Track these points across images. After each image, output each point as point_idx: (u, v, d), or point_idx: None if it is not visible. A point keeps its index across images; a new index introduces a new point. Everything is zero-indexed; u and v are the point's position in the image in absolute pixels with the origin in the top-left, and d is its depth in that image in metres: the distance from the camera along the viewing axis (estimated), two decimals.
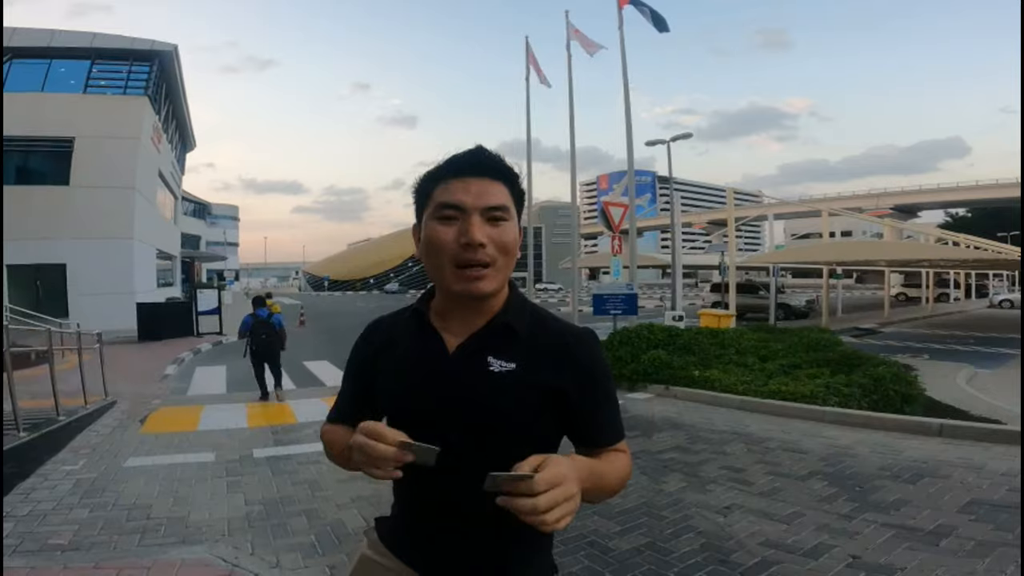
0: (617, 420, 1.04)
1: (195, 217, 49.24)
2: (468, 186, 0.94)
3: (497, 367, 0.96)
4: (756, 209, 46.03)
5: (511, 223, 0.97)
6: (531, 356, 0.98)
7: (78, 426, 6.32)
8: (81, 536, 3.37)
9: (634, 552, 3.07)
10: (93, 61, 20.57)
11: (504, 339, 0.98)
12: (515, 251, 0.98)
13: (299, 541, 3.31)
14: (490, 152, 0.99)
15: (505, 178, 0.98)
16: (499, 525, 0.97)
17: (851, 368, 7.58)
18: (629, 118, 11.79)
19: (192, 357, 13.65)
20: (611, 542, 3.20)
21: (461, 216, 0.93)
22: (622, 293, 10.02)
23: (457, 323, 1.01)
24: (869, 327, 19.15)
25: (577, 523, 3.44)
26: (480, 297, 0.96)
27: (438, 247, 0.94)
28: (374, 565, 1.08)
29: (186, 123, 30.88)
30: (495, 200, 0.94)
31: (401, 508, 1.08)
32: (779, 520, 3.50)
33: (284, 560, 3.02)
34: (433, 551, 1.01)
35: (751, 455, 4.96)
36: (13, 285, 17.89)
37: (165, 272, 27.73)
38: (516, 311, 1.02)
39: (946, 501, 3.77)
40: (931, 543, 3.14)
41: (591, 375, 1.00)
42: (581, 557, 3.02)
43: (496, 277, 0.95)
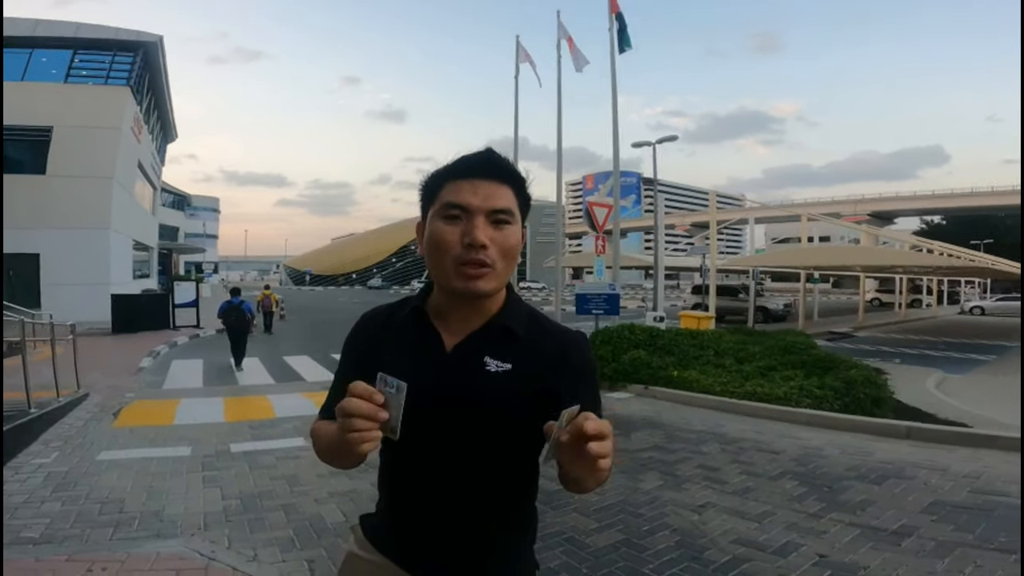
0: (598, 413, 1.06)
1: (174, 208, 48.40)
2: (476, 188, 0.96)
3: (494, 367, 0.98)
4: (738, 213, 46.61)
5: (515, 227, 0.99)
6: (527, 357, 1.00)
7: (50, 419, 6.20)
8: (53, 529, 3.33)
9: (611, 548, 3.12)
10: (76, 51, 20.35)
11: (501, 340, 1.00)
12: (516, 254, 1.00)
13: (277, 535, 3.30)
14: (500, 155, 1.01)
15: (513, 182, 1.00)
16: (485, 523, 1.01)
17: (825, 371, 7.74)
18: (616, 119, 11.87)
19: (168, 350, 13.43)
20: (588, 538, 3.24)
21: (466, 216, 0.95)
22: (604, 293, 10.08)
23: (455, 322, 1.02)
24: (844, 331, 19.51)
25: (555, 520, 3.49)
26: (479, 296, 0.98)
27: (442, 245, 0.96)
28: (360, 562, 1.09)
29: (168, 114, 30.44)
30: (501, 203, 0.96)
31: (387, 504, 1.08)
32: (751, 519, 3.57)
33: (262, 554, 3.01)
34: (418, 547, 1.03)
35: (726, 455, 5.05)
36: None
37: (142, 263, 27.24)
38: (514, 313, 1.04)
39: (910, 502, 3.87)
40: (894, 543, 3.23)
41: (583, 376, 1.02)
42: (559, 553, 3.06)
43: (496, 278, 0.97)
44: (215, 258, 65.77)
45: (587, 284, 11.44)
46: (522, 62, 16.12)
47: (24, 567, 2.55)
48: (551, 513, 3.56)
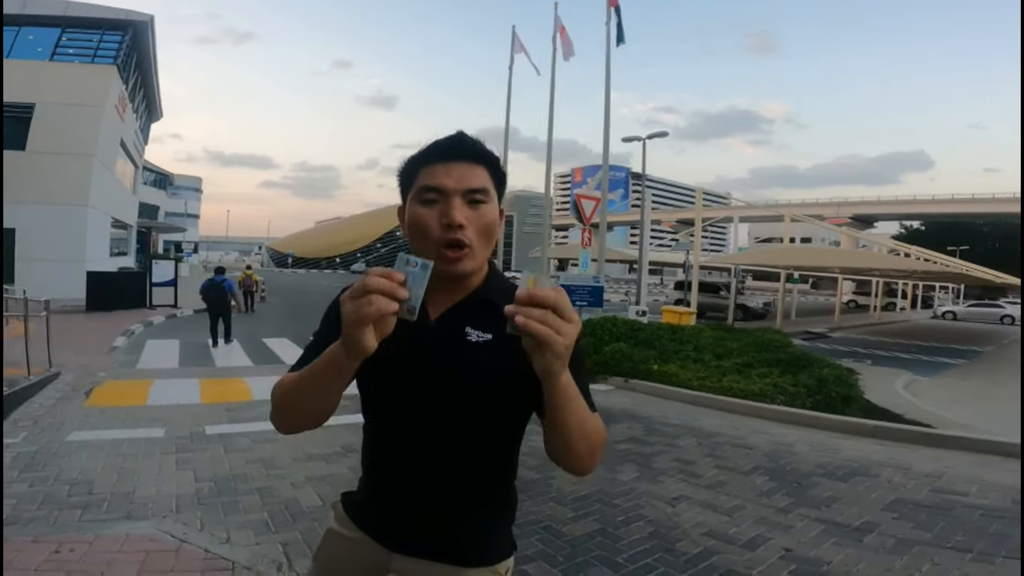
0: (588, 395, 1.03)
1: (156, 187, 47.44)
2: (450, 170, 0.97)
3: (475, 337, 1.00)
4: (723, 211, 46.98)
5: (490, 205, 1.00)
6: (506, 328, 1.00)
7: (19, 398, 6.08)
8: (19, 511, 3.27)
9: (586, 537, 3.15)
10: (64, 29, 20.09)
11: (483, 311, 1.01)
12: (494, 232, 1.02)
13: (251, 518, 3.28)
14: (471, 137, 1.03)
15: (486, 162, 1.01)
16: (462, 498, 1.02)
17: (799, 369, 7.87)
18: (608, 114, 11.87)
19: (143, 329, 13.20)
20: (564, 527, 3.27)
21: (442, 199, 0.97)
22: (588, 285, 10.11)
23: (439, 295, 1.02)
24: (819, 331, 19.86)
25: (532, 508, 3.52)
26: (460, 276, 1.00)
27: (421, 229, 0.98)
28: (339, 537, 1.11)
29: (155, 93, 29.97)
30: (475, 183, 0.98)
31: (368, 480, 1.10)
32: (722, 512, 3.63)
33: (236, 536, 2.98)
34: (396, 522, 1.04)
35: (701, 448, 5.12)
36: None
37: (120, 241, 26.73)
38: (496, 286, 1.06)
39: (873, 499, 3.96)
40: (856, 539, 3.31)
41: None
42: (535, 541, 3.08)
43: (475, 257, 0.99)
44: (196, 238, 64.57)
45: (571, 275, 11.45)
46: (517, 52, 16.02)
47: None
48: (529, 502, 3.58)
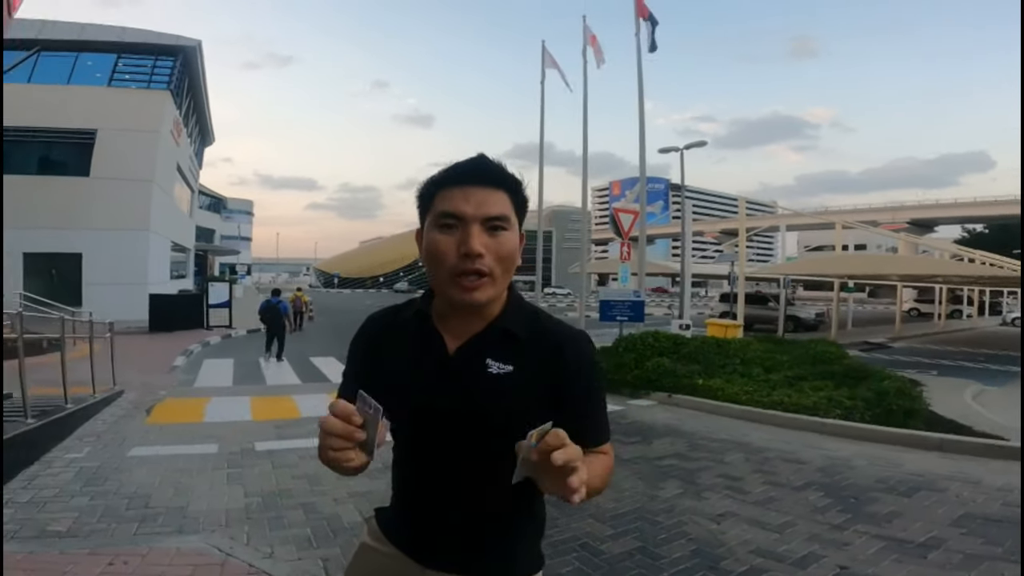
0: (603, 422, 1.06)
1: (211, 211, 49.62)
2: (468, 195, 0.95)
3: (495, 369, 0.99)
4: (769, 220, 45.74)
5: (511, 232, 0.98)
6: (528, 358, 1.00)
7: (85, 414, 6.36)
8: (80, 523, 3.42)
9: (625, 556, 3.09)
10: (119, 55, 20.91)
11: (503, 342, 1.01)
12: (514, 260, 0.99)
13: (295, 533, 3.35)
14: (492, 161, 1.00)
15: (507, 187, 0.98)
16: (489, 520, 1.03)
17: (856, 381, 7.57)
18: (643, 125, 11.79)
19: (201, 349, 13.78)
20: (603, 545, 3.22)
21: (461, 225, 0.94)
22: (629, 300, 10.01)
23: (457, 325, 1.03)
24: (879, 341, 18.98)
25: (570, 525, 3.47)
26: (476, 306, 0.98)
27: (438, 256, 0.96)
28: (372, 552, 1.13)
29: (206, 118, 31.20)
30: (495, 210, 0.95)
31: (398, 498, 1.12)
32: (771, 529, 3.51)
33: (279, 551, 3.05)
34: (426, 540, 1.06)
35: (749, 464, 4.96)
36: (29, 273, 18.18)
37: (179, 264, 28.00)
38: (515, 315, 1.04)
39: (939, 514, 3.77)
40: (919, 555, 3.15)
41: (580, 375, 1.02)
42: (572, 559, 3.04)
43: (493, 286, 0.97)
44: (248, 260, 67.25)
45: (611, 290, 11.34)
46: (548, 67, 16.15)
47: (48, 560, 2.63)
48: (565, 519, 3.54)
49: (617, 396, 8.02)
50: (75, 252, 18.85)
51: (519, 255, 1.01)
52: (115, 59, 20.84)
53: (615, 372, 8.44)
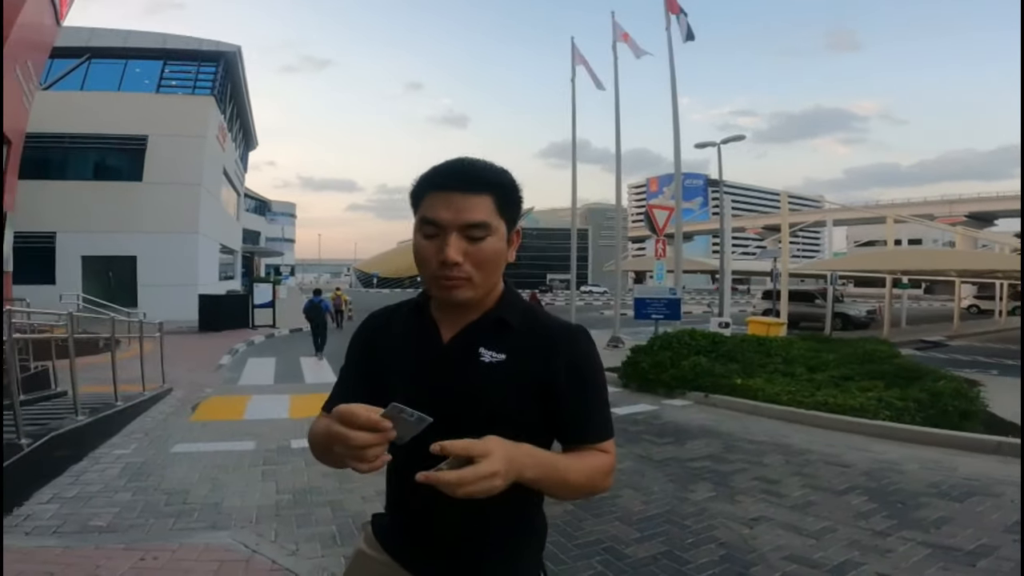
0: (603, 418, 1.02)
1: (256, 214, 51.22)
2: (449, 201, 0.94)
3: (488, 358, 0.99)
4: (814, 214, 44.25)
5: (492, 237, 0.96)
6: (521, 349, 1.00)
7: (134, 411, 6.61)
8: (120, 519, 3.54)
9: (650, 560, 3.00)
10: (165, 62, 21.70)
11: (496, 331, 1.01)
12: (496, 263, 0.99)
13: (320, 531, 3.38)
14: (474, 163, 0.98)
15: (490, 190, 0.97)
16: (483, 523, 1.00)
17: (908, 382, 7.23)
18: (677, 120, 11.56)
19: (246, 348, 14.23)
20: (627, 548, 3.14)
21: (440, 232, 0.95)
22: (665, 297, 9.82)
23: (453, 316, 1.03)
24: (935, 340, 18.10)
25: (595, 527, 3.41)
26: (457, 305, 1.00)
27: (421, 260, 0.98)
28: (367, 559, 1.11)
29: (249, 122, 32.17)
30: (473, 217, 0.94)
31: (391, 503, 1.10)
32: (808, 535, 3.36)
33: (304, 549, 3.09)
34: (418, 548, 1.04)
35: (788, 467, 4.78)
36: (88, 275, 19.18)
37: (227, 266, 29.00)
38: (509, 307, 1.04)
39: (992, 520, 3.57)
40: (968, 563, 2.98)
41: (579, 370, 1.00)
42: (595, 563, 2.97)
43: (472, 288, 0.97)
44: (292, 261, 69.21)
45: (646, 288, 11.16)
46: (578, 64, 15.97)
47: (84, 554, 2.73)
48: (591, 520, 3.48)
49: (652, 396, 7.89)
50: (130, 255, 19.76)
51: (505, 256, 1.01)
52: (161, 65, 21.62)
53: (650, 371, 8.29)
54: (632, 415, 6.75)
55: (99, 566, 2.56)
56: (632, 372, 8.59)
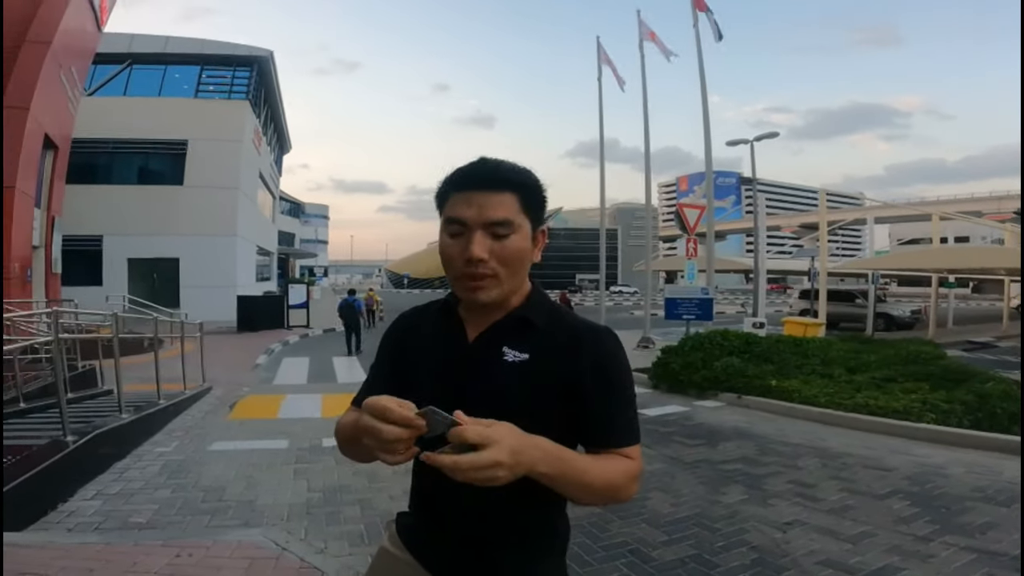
0: (628, 422, 1.01)
1: (291, 216, 52.35)
2: (471, 200, 0.96)
3: (511, 357, 0.99)
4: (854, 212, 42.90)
5: (516, 235, 0.97)
6: (545, 348, 1.00)
7: (176, 410, 6.80)
8: (159, 515, 3.65)
9: (677, 563, 2.95)
10: (202, 67, 22.31)
11: (520, 330, 1.01)
12: (521, 260, 0.99)
13: (349, 529, 3.43)
14: (497, 163, 1.00)
15: (512, 188, 0.98)
16: (504, 527, 1.00)
17: (954, 384, 6.96)
18: (707, 117, 11.37)
19: (281, 348, 14.55)
20: (655, 551, 3.09)
21: (465, 231, 0.96)
22: (697, 297, 9.66)
23: (479, 315, 1.04)
24: (984, 340, 17.35)
25: (621, 530, 3.37)
26: (483, 305, 1.00)
27: (447, 259, 0.99)
28: (390, 557, 1.12)
29: (283, 125, 32.86)
30: (497, 214, 0.95)
31: (414, 502, 1.11)
32: (844, 539, 3.26)
33: (332, 547, 3.14)
34: (437, 546, 1.04)
35: (825, 470, 4.65)
36: (133, 277, 19.91)
37: (263, 267, 29.70)
38: (535, 306, 1.04)
39: None
40: (1013, 568, 2.87)
41: (604, 371, 0.99)
42: (620, 565, 2.94)
43: (499, 287, 0.98)
44: (325, 262, 70.47)
45: (677, 287, 10.98)
46: (604, 64, 15.83)
47: (122, 551, 2.82)
48: (618, 523, 3.44)
49: (683, 397, 7.77)
50: (173, 257, 20.42)
51: (531, 254, 1.02)
52: (199, 70, 22.21)
53: (681, 372, 8.17)
54: (663, 416, 6.66)
55: (136, 563, 2.64)
56: (662, 373, 8.48)
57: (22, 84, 10.75)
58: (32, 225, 11.76)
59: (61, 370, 4.79)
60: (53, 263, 13.58)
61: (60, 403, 4.43)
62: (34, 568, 2.53)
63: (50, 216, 13.33)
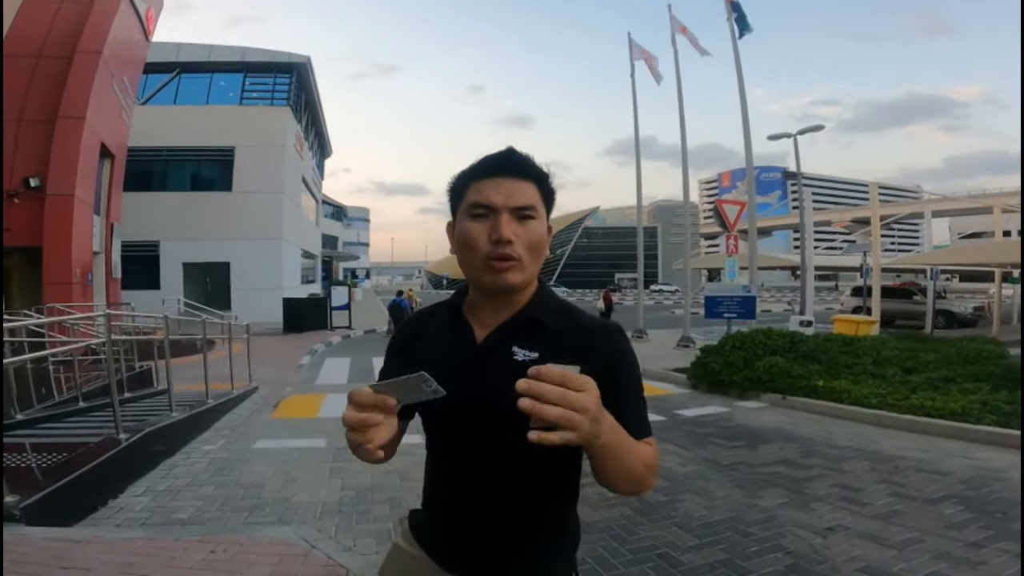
0: (641, 416, 1.00)
1: (333, 219, 53.51)
2: (499, 186, 0.99)
3: (521, 356, 0.99)
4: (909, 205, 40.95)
5: (539, 221, 1.01)
6: (554, 346, 0.99)
7: (224, 408, 7.01)
8: (201, 512, 3.77)
9: (707, 568, 2.86)
10: (245, 74, 23.01)
11: (529, 330, 1.01)
12: (542, 247, 1.02)
13: (378, 528, 3.47)
14: (520, 153, 1.03)
15: (534, 178, 1.01)
16: (513, 526, 1.01)
17: (1017, 384, 6.55)
18: (745, 111, 11.05)
19: (324, 349, 14.90)
20: (684, 555, 3.01)
21: (492, 214, 0.98)
22: (738, 295, 9.39)
23: (486, 315, 1.04)
24: None
25: (651, 532, 3.30)
26: (508, 289, 1.00)
27: (470, 243, 0.99)
28: (403, 554, 1.13)
29: (323, 130, 33.61)
30: (523, 200, 0.99)
31: (426, 498, 1.12)
32: (889, 545, 3.11)
33: (360, 544, 3.18)
34: (450, 543, 1.05)
35: (874, 474, 4.45)
36: (188, 281, 20.81)
37: (308, 270, 30.47)
38: (543, 305, 1.04)
39: None
40: None
41: (612, 365, 0.98)
42: (647, 568, 2.87)
43: (522, 271, 0.99)
44: (367, 264, 71.80)
45: (718, 285, 10.71)
46: (636, 59, 15.55)
47: (163, 546, 2.94)
48: (648, 525, 3.37)
49: (723, 397, 7.58)
50: (224, 261, 21.21)
51: (547, 244, 1.04)
52: (242, 78, 22.91)
53: (721, 372, 7.97)
54: (700, 417, 6.51)
55: (174, 558, 2.73)
56: (702, 373, 8.29)
57: (77, 94, 11.29)
58: (92, 232, 12.40)
59: (113, 370, 5.02)
60: (113, 268, 14.30)
61: (113, 402, 4.65)
62: (77, 563, 2.65)
63: (109, 223, 14.03)
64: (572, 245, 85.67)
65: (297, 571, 2.65)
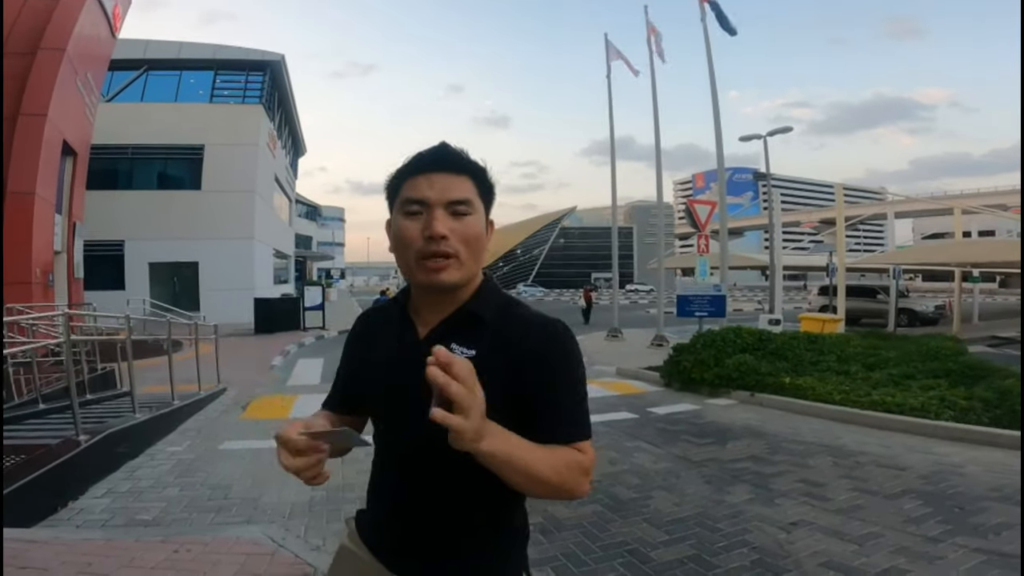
0: (576, 417, 0.97)
1: (308, 219, 52.79)
2: (432, 181, 0.96)
3: (459, 352, 0.96)
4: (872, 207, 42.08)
5: (475, 216, 0.98)
6: (492, 343, 0.97)
7: (190, 410, 6.86)
8: (166, 513, 3.69)
9: (676, 564, 2.90)
10: (216, 72, 22.50)
11: (469, 326, 0.99)
12: (480, 243, 1.00)
13: None
14: (453, 148, 1.01)
15: (470, 172, 0.99)
16: (458, 521, 0.99)
17: (974, 380, 6.84)
18: (717, 112, 11.22)
19: (296, 349, 14.67)
20: (653, 551, 3.05)
21: (425, 210, 0.96)
22: (709, 294, 9.55)
23: (429, 312, 1.03)
24: (1009, 336, 16.90)
25: (621, 530, 3.33)
26: (443, 288, 0.97)
27: (405, 241, 0.97)
28: (349, 554, 1.12)
29: (297, 129, 33.11)
30: (457, 194, 0.96)
31: (370, 498, 1.11)
32: (850, 540, 3.18)
33: (329, 544, 3.13)
34: (391, 541, 1.04)
35: (836, 469, 4.56)
36: (155, 281, 20.27)
37: (281, 270, 29.98)
38: (484, 300, 1.02)
39: None
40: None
41: (549, 364, 0.96)
42: (616, 565, 2.90)
43: (460, 269, 0.97)
44: (342, 264, 71.03)
45: (689, 284, 10.87)
46: (613, 59, 15.70)
47: (123, 546, 2.87)
48: (619, 522, 3.40)
49: (694, 395, 7.69)
50: (192, 261, 20.73)
51: (486, 240, 1.02)
52: (213, 76, 22.40)
53: (693, 370, 8.09)
54: (672, 415, 6.59)
55: (134, 558, 2.67)
56: (674, 371, 8.40)
57: (38, 91, 10.97)
58: (53, 231, 12.03)
59: (72, 371, 4.88)
60: (75, 268, 13.88)
61: (72, 403, 4.52)
62: (36, 563, 2.58)
63: (71, 222, 13.62)
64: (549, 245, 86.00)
65: (263, 570, 2.61)
